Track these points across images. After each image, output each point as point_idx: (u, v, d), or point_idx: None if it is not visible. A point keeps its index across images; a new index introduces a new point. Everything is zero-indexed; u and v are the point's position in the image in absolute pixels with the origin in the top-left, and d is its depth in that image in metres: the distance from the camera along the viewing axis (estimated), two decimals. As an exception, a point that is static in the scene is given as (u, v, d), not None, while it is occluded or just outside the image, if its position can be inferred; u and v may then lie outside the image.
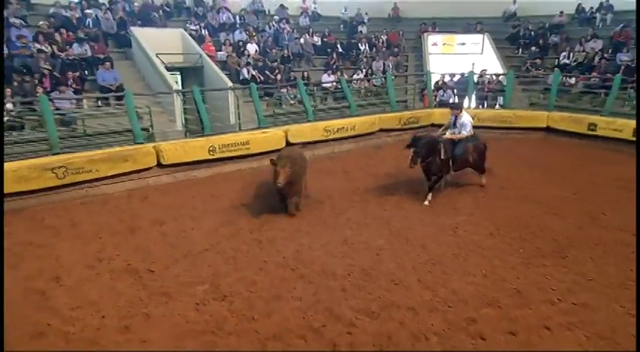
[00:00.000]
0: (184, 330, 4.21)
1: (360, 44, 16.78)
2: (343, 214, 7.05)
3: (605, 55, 13.91)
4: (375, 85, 14.70)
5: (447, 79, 14.37)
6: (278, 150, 9.98)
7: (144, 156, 8.41)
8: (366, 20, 18.60)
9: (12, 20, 11.21)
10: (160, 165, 8.65)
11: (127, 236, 6.30)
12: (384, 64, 15.71)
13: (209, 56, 12.95)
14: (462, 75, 14.15)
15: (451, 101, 13.79)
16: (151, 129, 9.45)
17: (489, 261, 5.49)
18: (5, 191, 7.07)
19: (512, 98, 13.33)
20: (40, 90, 9.20)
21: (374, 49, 16.84)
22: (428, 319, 4.36)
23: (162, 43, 12.56)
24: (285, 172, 6.23)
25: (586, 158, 10.14)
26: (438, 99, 13.79)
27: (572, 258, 5.55)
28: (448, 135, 7.65)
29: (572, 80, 13.87)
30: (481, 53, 16.81)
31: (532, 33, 16.83)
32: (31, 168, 7.28)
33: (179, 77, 13.31)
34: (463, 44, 17.22)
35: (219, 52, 13.71)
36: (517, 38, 17.02)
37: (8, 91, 9.00)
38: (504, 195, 7.81)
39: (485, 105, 13.83)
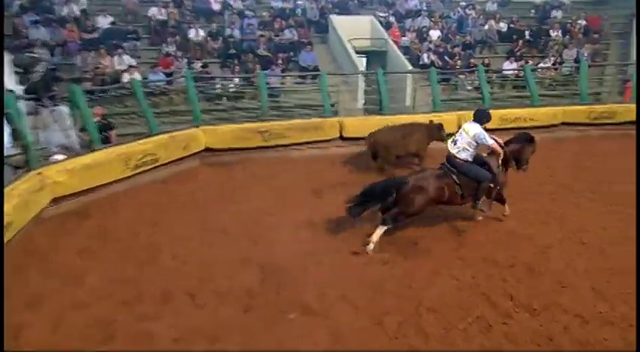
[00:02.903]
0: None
1: (551, 31, 14.49)
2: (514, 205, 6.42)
3: None
4: (563, 75, 12.75)
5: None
6: (452, 134, 9.49)
7: (330, 128, 8.85)
8: (567, 1, 15.87)
9: (246, 12, 12.77)
10: (341, 137, 8.99)
11: (311, 196, 6.74)
12: (578, 52, 13.33)
13: (394, 41, 12.80)
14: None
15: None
16: (335, 105, 9.85)
17: None
18: (226, 146, 8.25)
19: None
20: (257, 67, 10.32)
21: (568, 36, 14.40)
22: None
23: (353, 29, 12.81)
24: None
25: None
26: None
27: None
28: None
29: None
30: None
31: None
32: (247, 129, 8.35)
33: (365, 60, 13.50)
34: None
35: (403, 38, 13.43)
36: None
37: (237, 69, 10.30)
38: None
39: None
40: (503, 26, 14.68)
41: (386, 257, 4.89)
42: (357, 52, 12.16)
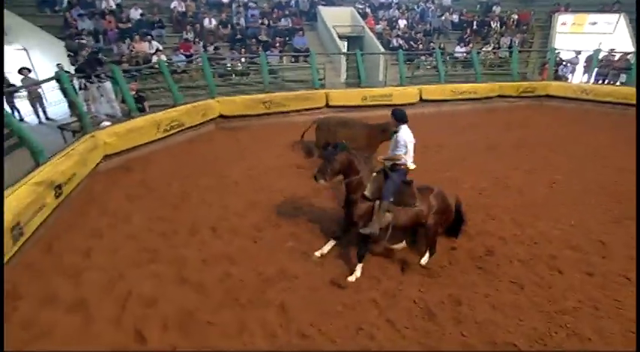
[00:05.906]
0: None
1: (492, 22, 13.88)
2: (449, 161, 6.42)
3: None
4: (500, 58, 12.39)
5: (570, 55, 11.30)
6: (413, 103, 9.33)
7: (319, 98, 8.63)
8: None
9: (250, 4, 11.91)
10: (327, 105, 8.79)
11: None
12: (511, 40, 12.91)
13: (369, 28, 12.18)
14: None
15: (569, 76, 11.01)
16: (323, 80, 9.53)
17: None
18: (236, 113, 7.97)
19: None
20: (259, 50, 9.78)
21: (504, 27, 13.87)
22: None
23: (337, 18, 12.16)
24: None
25: None
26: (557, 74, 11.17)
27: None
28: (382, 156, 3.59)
29: None
30: (612, 33, 12.58)
31: (682, 10, 11.73)
32: (253, 100, 8.06)
33: (346, 43, 12.91)
34: (594, 24, 13.04)
35: (377, 26, 12.79)
36: (661, 16, 12.17)
37: (243, 51, 9.75)
38: (602, 163, 6.20)
39: (606, 82, 10.63)
40: (455, 17, 14.09)
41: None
42: (340, 37, 11.61)
